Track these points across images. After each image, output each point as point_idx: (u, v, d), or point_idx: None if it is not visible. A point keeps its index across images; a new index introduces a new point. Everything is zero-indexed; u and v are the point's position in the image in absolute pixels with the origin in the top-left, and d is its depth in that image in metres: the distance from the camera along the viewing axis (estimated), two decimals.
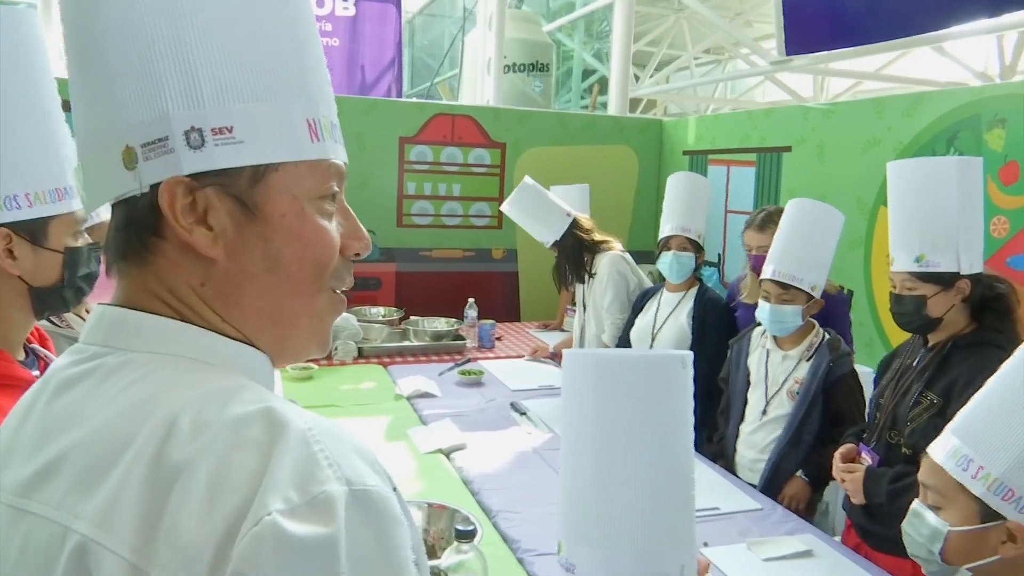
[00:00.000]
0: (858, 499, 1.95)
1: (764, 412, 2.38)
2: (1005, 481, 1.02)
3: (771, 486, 2.29)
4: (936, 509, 1.11)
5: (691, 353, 0.95)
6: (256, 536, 0.44)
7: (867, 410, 2.14)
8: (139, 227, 0.56)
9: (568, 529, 0.96)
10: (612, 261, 3.28)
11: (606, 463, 0.91)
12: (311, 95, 0.60)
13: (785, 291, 2.29)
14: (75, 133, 0.60)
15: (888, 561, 1.86)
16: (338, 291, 0.64)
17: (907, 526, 1.17)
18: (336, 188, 0.61)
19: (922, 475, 1.14)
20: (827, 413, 2.28)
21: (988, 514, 1.05)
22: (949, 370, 1.86)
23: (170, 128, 0.54)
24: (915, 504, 1.16)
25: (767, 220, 2.78)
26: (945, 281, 1.86)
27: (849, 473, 1.99)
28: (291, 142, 0.58)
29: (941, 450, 1.11)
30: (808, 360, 2.32)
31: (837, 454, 2.06)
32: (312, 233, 0.59)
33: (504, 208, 3.39)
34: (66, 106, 0.89)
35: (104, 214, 1.76)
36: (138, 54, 0.54)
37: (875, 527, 1.97)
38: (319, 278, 0.61)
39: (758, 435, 2.39)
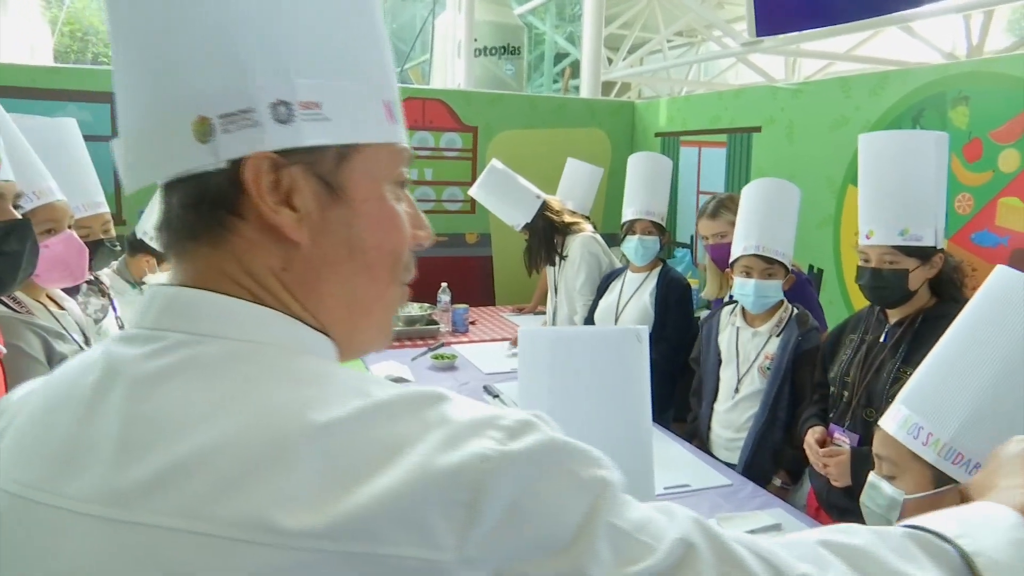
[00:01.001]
0: (844, 482, 1.92)
1: (736, 390, 2.40)
2: (954, 445, 1.04)
3: (752, 464, 2.30)
4: (891, 479, 1.13)
5: (646, 328, 0.95)
6: (491, 471, 0.44)
7: (831, 388, 2.13)
8: (214, 204, 0.52)
9: None
10: (584, 242, 3.29)
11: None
12: (387, 75, 0.58)
13: (769, 265, 2.31)
14: (119, 107, 0.55)
15: None
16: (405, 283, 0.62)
17: (865, 498, 1.19)
18: (407, 174, 0.59)
19: (876, 447, 1.16)
20: (794, 387, 2.31)
21: (941, 479, 1.06)
22: (924, 344, 1.85)
23: (256, 99, 0.50)
24: (871, 476, 1.18)
25: (719, 207, 2.80)
26: (925, 255, 1.87)
27: (831, 457, 1.96)
28: (373, 123, 0.55)
29: (893, 420, 1.12)
30: (778, 336, 2.34)
31: (811, 439, 2.05)
32: (390, 219, 0.57)
33: (472, 192, 3.37)
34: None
35: (52, 195, 1.70)
36: (221, 22, 0.50)
37: (858, 506, 1.97)
38: (395, 267, 0.58)
39: (733, 414, 2.41)
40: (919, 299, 1.92)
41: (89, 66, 7.73)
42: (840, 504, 2.00)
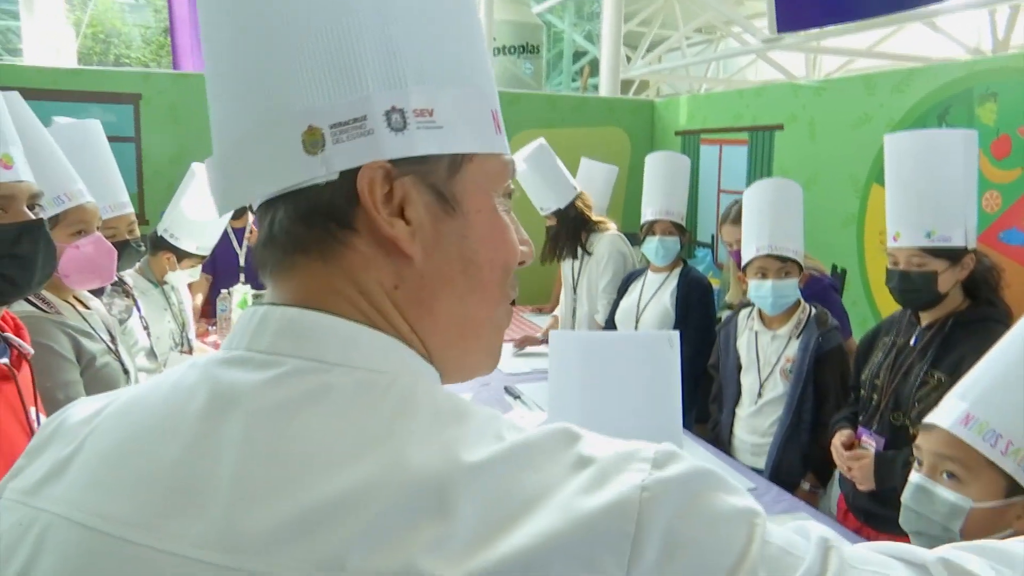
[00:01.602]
0: (867, 485, 1.89)
1: (760, 395, 2.37)
2: None
3: (779, 468, 2.27)
4: (957, 482, 1.07)
5: (678, 332, 0.93)
6: (650, 499, 0.42)
7: (860, 389, 2.11)
8: (327, 217, 0.48)
9: None
10: (612, 241, 3.29)
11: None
12: (492, 83, 0.55)
13: (784, 264, 2.29)
14: (216, 120, 0.52)
15: (899, 543, 1.84)
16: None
17: (912, 502, 1.13)
18: (512, 186, 0.56)
19: (934, 445, 1.10)
20: (816, 389, 2.28)
21: (1013, 489, 1.03)
22: (953, 347, 1.84)
23: (370, 107, 0.47)
24: (920, 479, 1.12)
25: (742, 212, 2.77)
26: (955, 256, 1.84)
27: (856, 461, 1.94)
28: (484, 132, 0.52)
29: (957, 421, 1.06)
30: (797, 337, 2.32)
31: (837, 443, 2.02)
32: (502, 232, 0.54)
33: (518, 159, 3.24)
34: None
35: (82, 198, 1.72)
36: (332, 28, 0.48)
37: (884, 510, 1.91)
38: (504, 283, 0.55)
39: (757, 419, 2.37)
40: (951, 301, 1.88)
41: (112, 68, 7.82)
42: (866, 508, 1.98)
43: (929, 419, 1.13)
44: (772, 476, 2.23)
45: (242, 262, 3.69)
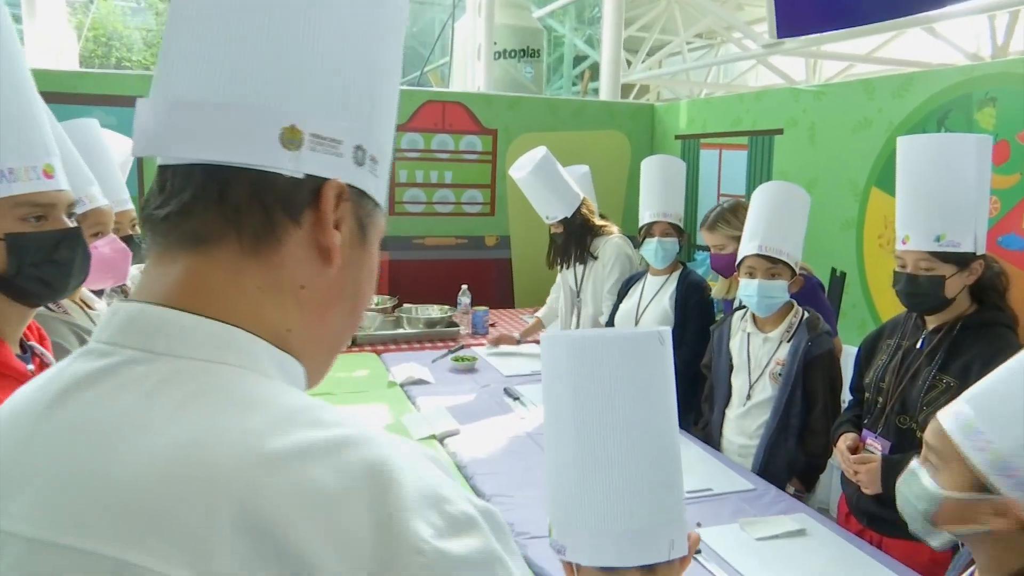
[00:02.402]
0: (873, 489, 1.89)
1: (749, 396, 2.38)
2: (1010, 460, 1.01)
3: (765, 471, 2.28)
4: (934, 470, 1.11)
5: (669, 329, 0.94)
6: (425, 566, 0.43)
7: (865, 394, 2.09)
8: (282, 206, 0.53)
9: (556, 512, 0.96)
10: (618, 244, 3.34)
11: (586, 445, 0.91)
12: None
13: (773, 265, 2.29)
14: (199, 67, 0.53)
15: (903, 546, 1.84)
16: None
17: (902, 484, 1.17)
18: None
19: (927, 435, 1.13)
20: (805, 394, 2.28)
21: (981, 486, 1.04)
22: (962, 352, 1.83)
23: (347, 136, 0.55)
24: (914, 463, 1.16)
25: (717, 220, 2.80)
26: (963, 261, 1.83)
27: (862, 464, 1.93)
28: (385, 191, 0.61)
29: (951, 416, 1.09)
30: (788, 341, 2.32)
31: (842, 446, 2.02)
32: (375, 272, 0.62)
33: (520, 175, 3.25)
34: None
35: (99, 200, 1.75)
36: (340, 64, 0.55)
37: (888, 513, 1.91)
38: (364, 311, 0.64)
39: (745, 420, 2.38)
40: (958, 306, 1.88)
41: (114, 71, 7.82)
42: (870, 510, 1.98)
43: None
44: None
45: None
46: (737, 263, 2.40)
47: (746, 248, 2.34)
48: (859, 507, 2.03)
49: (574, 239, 3.30)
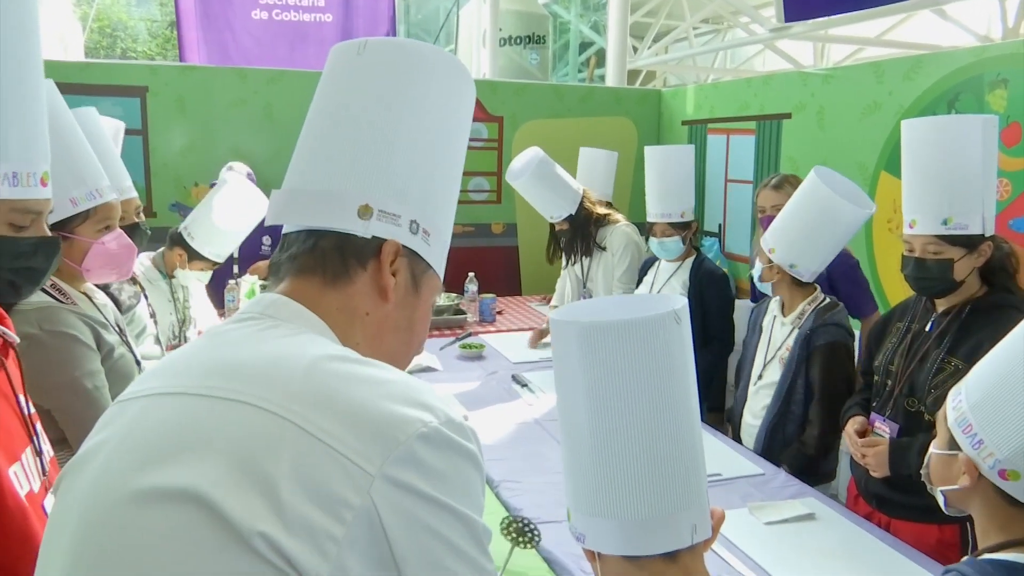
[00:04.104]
0: (881, 472, 1.89)
1: (761, 376, 2.39)
2: (969, 415, 1.05)
3: (764, 454, 2.28)
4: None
5: (685, 304, 0.91)
6: (424, 436, 0.63)
7: (875, 377, 2.07)
8: (354, 256, 0.78)
9: (574, 499, 0.94)
10: (625, 233, 3.36)
11: (601, 431, 0.89)
12: (450, 228, 0.89)
13: (770, 267, 2.33)
14: (302, 170, 0.82)
15: (910, 528, 1.84)
16: None
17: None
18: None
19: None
20: (807, 382, 2.26)
21: (954, 444, 1.09)
22: (971, 334, 1.82)
23: (405, 211, 0.80)
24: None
25: (783, 181, 2.86)
26: (972, 244, 1.82)
27: (870, 448, 1.93)
28: (442, 259, 0.86)
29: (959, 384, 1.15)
30: (799, 328, 2.32)
31: (850, 429, 2.02)
32: (427, 322, 0.87)
33: (517, 183, 3.28)
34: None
35: (108, 194, 1.74)
36: (401, 165, 0.80)
37: (897, 495, 1.92)
38: (418, 348, 0.88)
39: (755, 400, 2.40)
40: (967, 288, 1.87)
41: (119, 61, 7.82)
42: (879, 493, 1.98)
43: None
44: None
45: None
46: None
47: (765, 239, 2.37)
48: (868, 489, 2.02)
49: (580, 233, 3.30)
